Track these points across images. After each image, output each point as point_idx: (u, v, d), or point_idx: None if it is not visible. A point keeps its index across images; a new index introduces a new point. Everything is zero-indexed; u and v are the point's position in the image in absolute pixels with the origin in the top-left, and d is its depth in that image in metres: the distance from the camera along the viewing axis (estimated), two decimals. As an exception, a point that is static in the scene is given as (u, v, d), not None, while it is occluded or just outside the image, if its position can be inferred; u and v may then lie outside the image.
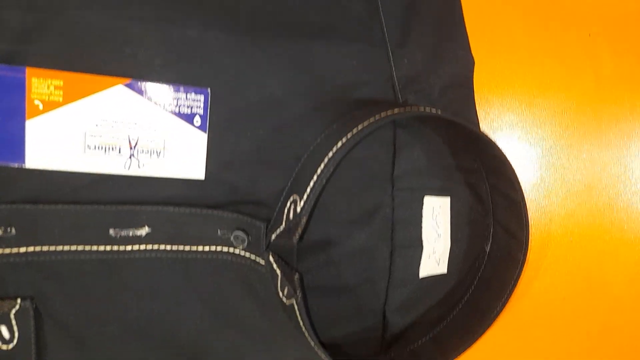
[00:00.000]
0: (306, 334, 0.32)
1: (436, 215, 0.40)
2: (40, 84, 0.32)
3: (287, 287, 0.32)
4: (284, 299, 0.34)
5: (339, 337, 0.39)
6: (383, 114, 0.32)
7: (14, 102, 0.32)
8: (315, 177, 0.31)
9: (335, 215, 0.38)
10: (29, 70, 0.31)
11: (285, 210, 0.33)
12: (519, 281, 0.38)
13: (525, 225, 0.36)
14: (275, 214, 0.34)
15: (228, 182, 0.35)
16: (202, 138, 0.35)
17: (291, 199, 0.33)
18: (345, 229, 0.38)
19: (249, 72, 0.34)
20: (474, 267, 0.40)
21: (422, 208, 0.39)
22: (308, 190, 0.31)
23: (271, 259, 0.33)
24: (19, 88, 0.31)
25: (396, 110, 0.32)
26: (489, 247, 0.40)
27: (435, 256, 0.40)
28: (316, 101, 0.35)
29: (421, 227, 0.39)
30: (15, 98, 0.31)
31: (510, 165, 0.35)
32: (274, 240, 0.33)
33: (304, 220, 0.31)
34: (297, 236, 0.31)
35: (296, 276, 0.31)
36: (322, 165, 0.31)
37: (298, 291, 0.31)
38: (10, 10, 0.31)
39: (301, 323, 0.32)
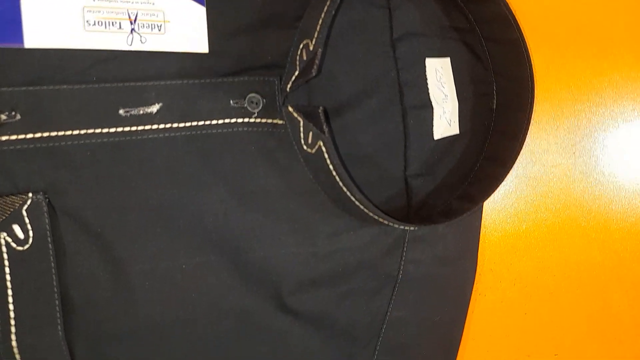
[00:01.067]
0: (336, 177, 0.31)
1: (440, 77, 0.40)
2: (32, -41, 0.31)
3: (312, 132, 0.31)
4: (309, 150, 0.33)
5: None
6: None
7: (6, -20, 0.31)
8: (323, 13, 0.31)
9: (343, 84, 0.37)
10: (18, -54, 0.31)
11: (297, 57, 0.32)
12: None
13: (527, 62, 0.37)
14: (287, 65, 0.34)
15: (234, 52, 0.34)
16: (201, 11, 0.34)
17: (301, 45, 0.32)
18: (355, 96, 0.37)
19: None
20: (485, 123, 0.40)
21: (425, 70, 0.39)
22: (318, 26, 0.31)
23: (290, 109, 0.32)
24: (10, -35, 0.31)
25: None
26: (495, 103, 0.40)
27: (446, 116, 0.40)
28: None
29: (428, 89, 0.39)
30: (7, -25, 0.30)
31: (505, 2, 0.36)
32: (290, 90, 0.32)
33: (319, 51, 0.30)
34: (315, 69, 0.30)
35: (321, 110, 0.30)
36: (328, 1, 0.31)
37: (324, 126, 0.30)
38: None
39: (330, 164, 0.31)
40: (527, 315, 0.46)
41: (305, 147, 0.33)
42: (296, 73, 0.32)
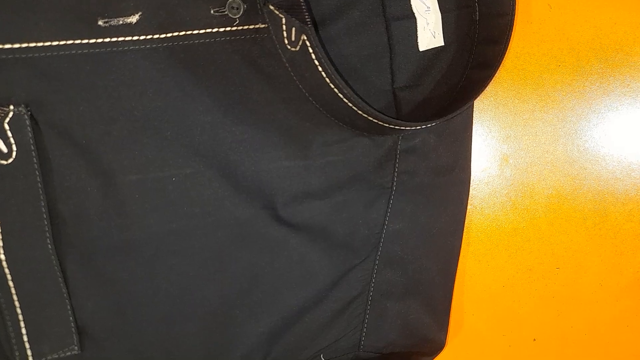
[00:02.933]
0: (322, 72, 0.30)
1: (421, -11, 0.39)
2: None
3: (294, 28, 0.30)
4: (293, 49, 0.31)
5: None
6: None
7: None
8: None
9: (325, -4, 0.36)
10: None
11: (276, -45, 0.32)
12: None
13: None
14: (267, -35, 0.33)
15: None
16: None
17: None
18: (337, 8, 0.36)
19: None
20: (468, 34, 0.39)
21: (406, -18, 0.38)
22: None
23: (271, 7, 0.31)
24: None
25: None
26: (477, 14, 0.39)
27: (429, 28, 0.39)
28: None
29: (410, 0, 0.38)
30: None
31: None
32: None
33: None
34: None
35: (303, 1, 0.29)
36: None
37: (307, 16, 0.29)
38: None
39: (315, 59, 0.30)
40: (526, 229, 0.45)
41: (289, 47, 0.32)
42: (276, -29, 0.31)
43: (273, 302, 0.36)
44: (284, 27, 0.31)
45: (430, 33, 0.39)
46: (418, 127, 0.34)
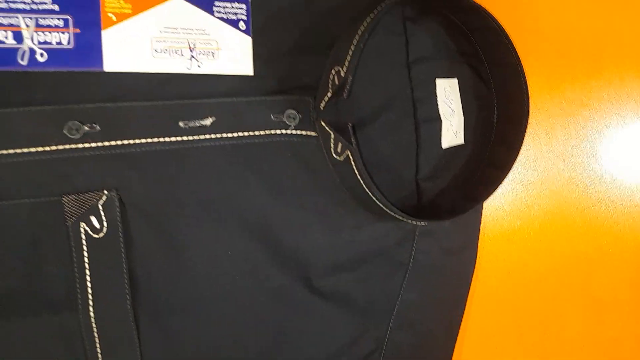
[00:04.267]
0: (361, 181, 0.36)
1: (448, 94, 0.44)
2: (111, -2, 0.36)
3: (341, 143, 0.36)
4: (338, 158, 0.38)
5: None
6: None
7: (91, 15, 0.36)
8: (353, 46, 0.36)
9: (365, 100, 0.42)
10: (101, -13, 0.36)
11: (330, 81, 0.37)
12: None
13: (524, 83, 0.41)
14: (319, 87, 0.39)
15: (275, 75, 0.39)
16: (248, 40, 0.39)
17: (333, 71, 0.37)
18: (375, 111, 0.42)
19: None
20: (486, 134, 0.45)
21: (435, 88, 0.44)
22: (349, 57, 0.36)
23: (323, 123, 0.37)
24: (94, 4, 0.35)
25: None
26: (495, 117, 0.45)
27: (452, 129, 0.44)
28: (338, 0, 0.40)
29: (437, 105, 0.44)
30: (92, 12, 0.36)
31: (505, 32, 0.40)
32: (324, 109, 0.37)
33: (350, 78, 0.35)
34: (347, 92, 0.35)
35: (350, 125, 0.35)
36: (358, 36, 0.36)
37: (352, 138, 0.35)
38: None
39: (356, 170, 0.36)
40: (520, 302, 0.51)
41: (334, 155, 0.38)
42: (329, 94, 0.37)
43: (300, 355, 0.42)
44: (332, 140, 0.37)
45: (452, 133, 0.45)
46: (433, 222, 0.40)
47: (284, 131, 0.39)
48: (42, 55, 0.35)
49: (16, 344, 0.36)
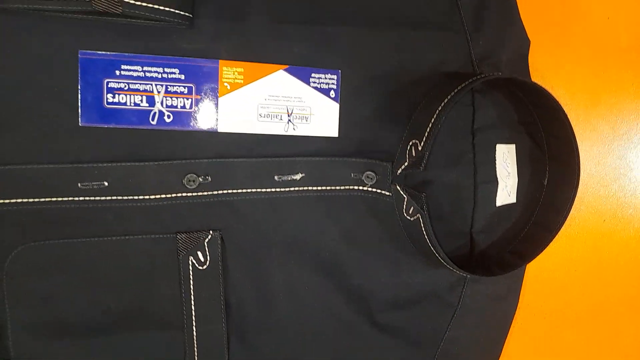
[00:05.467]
0: (428, 241, 0.42)
1: (506, 159, 0.49)
2: (228, 71, 0.42)
3: (413, 207, 0.42)
4: (409, 218, 0.43)
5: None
6: (477, 78, 0.42)
7: (210, 85, 0.42)
8: (430, 124, 0.41)
9: (432, 161, 0.48)
10: (220, 62, 0.42)
11: (407, 152, 0.43)
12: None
13: (576, 154, 0.46)
14: (397, 156, 0.44)
15: (357, 138, 0.45)
16: (336, 107, 0.45)
17: (410, 143, 0.43)
18: (440, 171, 0.48)
19: (368, 56, 0.45)
20: (536, 196, 0.50)
21: (495, 153, 0.49)
22: (426, 133, 0.41)
23: (398, 187, 0.43)
24: (214, 75, 0.42)
25: (490, 75, 0.42)
26: (546, 180, 0.50)
27: (507, 189, 0.50)
28: (415, 74, 0.46)
29: (495, 168, 0.49)
30: (211, 81, 0.42)
31: (563, 111, 0.45)
32: (399, 174, 0.43)
33: (427, 154, 0.41)
34: (423, 166, 0.41)
35: (423, 195, 0.41)
36: (435, 116, 0.41)
37: (424, 206, 0.41)
38: (205, 19, 0.41)
39: (424, 232, 0.42)
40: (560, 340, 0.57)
41: (405, 215, 0.44)
42: (405, 164, 0.43)
43: None
44: (405, 203, 0.43)
45: (507, 192, 0.50)
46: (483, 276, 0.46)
47: (361, 188, 0.45)
48: (169, 117, 0.41)
49: (120, 356, 0.44)
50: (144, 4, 0.37)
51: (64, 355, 0.42)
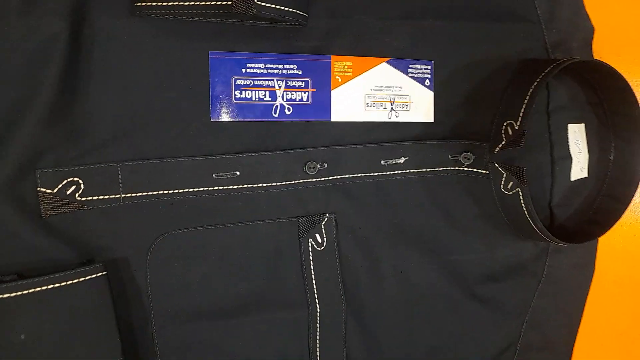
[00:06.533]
0: (526, 213, 0.46)
1: (576, 137, 0.54)
2: (339, 65, 0.46)
3: (512, 182, 0.47)
4: (507, 192, 0.48)
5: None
6: (563, 61, 0.46)
7: (324, 79, 0.46)
8: (524, 104, 0.46)
9: (513, 141, 0.52)
10: (332, 57, 0.46)
11: (502, 132, 0.48)
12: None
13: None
14: (492, 136, 0.49)
15: (450, 122, 0.49)
16: (431, 94, 0.49)
17: (505, 124, 0.47)
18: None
19: (457, 46, 0.49)
20: (604, 170, 0.55)
21: (567, 132, 0.54)
22: (521, 113, 0.46)
23: (496, 165, 0.47)
24: (327, 69, 0.46)
25: (576, 59, 0.47)
26: (612, 156, 0.55)
27: (579, 165, 0.54)
28: (499, 62, 0.50)
29: (569, 145, 0.54)
30: (325, 75, 0.46)
31: (632, 91, 0.50)
32: (496, 153, 0.48)
33: (525, 132, 0.45)
34: (523, 142, 0.45)
35: (525, 168, 0.46)
36: (528, 96, 0.46)
37: (525, 179, 0.45)
38: (317, 19, 0.45)
39: (523, 204, 0.46)
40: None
41: (502, 190, 0.48)
42: (503, 143, 0.47)
43: (460, 353, 0.53)
44: (503, 179, 0.48)
45: (579, 168, 0.55)
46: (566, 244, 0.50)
47: (458, 168, 0.49)
48: (288, 109, 0.45)
49: (250, 337, 0.46)
50: (273, 6, 0.41)
51: (200, 338, 0.45)
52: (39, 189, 0.39)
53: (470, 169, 0.49)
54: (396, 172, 0.48)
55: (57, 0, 0.38)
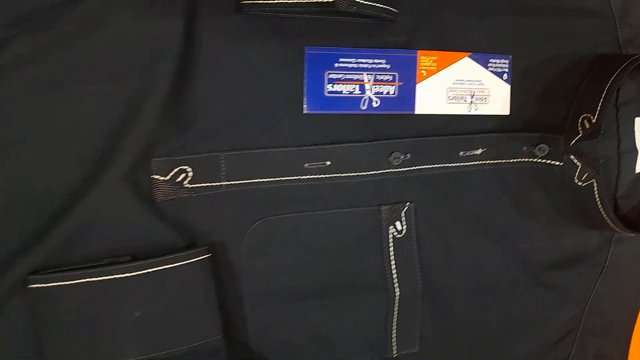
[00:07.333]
0: (600, 204, 0.48)
1: (642, 130, 0.56)
2: (425, 59, 0.48)
3: (588, 173, 0.49)
4: (580, 184, 0.50)
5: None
6: (637, 58, 0.48)
7: (410, 72, 0.48)
8: (602, 99, 0.47)
9: (583, 134, 0.54)
10: (419, 52, 0.47)
11: (579, 125, 0.49)
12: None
13: None
14: (567, 129, 0.51)
15: (525, 115, 0.51)
16: (508, 88, 0.51)
17: (581, 117, 0.49)
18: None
19: (533, 41, 0.50)
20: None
21: (634, 126, 0.56)
22: (599, 107, 0.47)
23: (572, 157, 0.50)
24: (413, 63, 0.47)
25: None
26: (677, 149, 0.57)
27: (644, 157, 0.57)
28: (574, 57, 0.52)
29: (635, 138, 0.56)
30: (411, 70, 0.48)
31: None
32: (572, 145, 0.50)
33: (602, 124, 0.47)
34: (601, 135, 0.47)
35: (601, 162, 0.48)
36: (606, 91, 0.48)
37: (601, 171, 0.47)
38: (405, 15, 0.47)
39: (597, 195, 0.48)
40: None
41: (577, 181, 0.50)
42: (579, 136, 0.49)
43: (525, 337, 0.55)
44: (578, 171, 0.49)
45: (644, 161, 0.57)
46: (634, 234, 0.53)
47: (531, 159, 0.51)
48: (376, 102, 0.47)
49: (333, 317, 0.49)
50: (370, 3, 0.43)
51: (288, 317, 0.48)
52: (153, 176, 0.41)
53: (543, 161, 0.51)
54: (473, 163, 0.50)
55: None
